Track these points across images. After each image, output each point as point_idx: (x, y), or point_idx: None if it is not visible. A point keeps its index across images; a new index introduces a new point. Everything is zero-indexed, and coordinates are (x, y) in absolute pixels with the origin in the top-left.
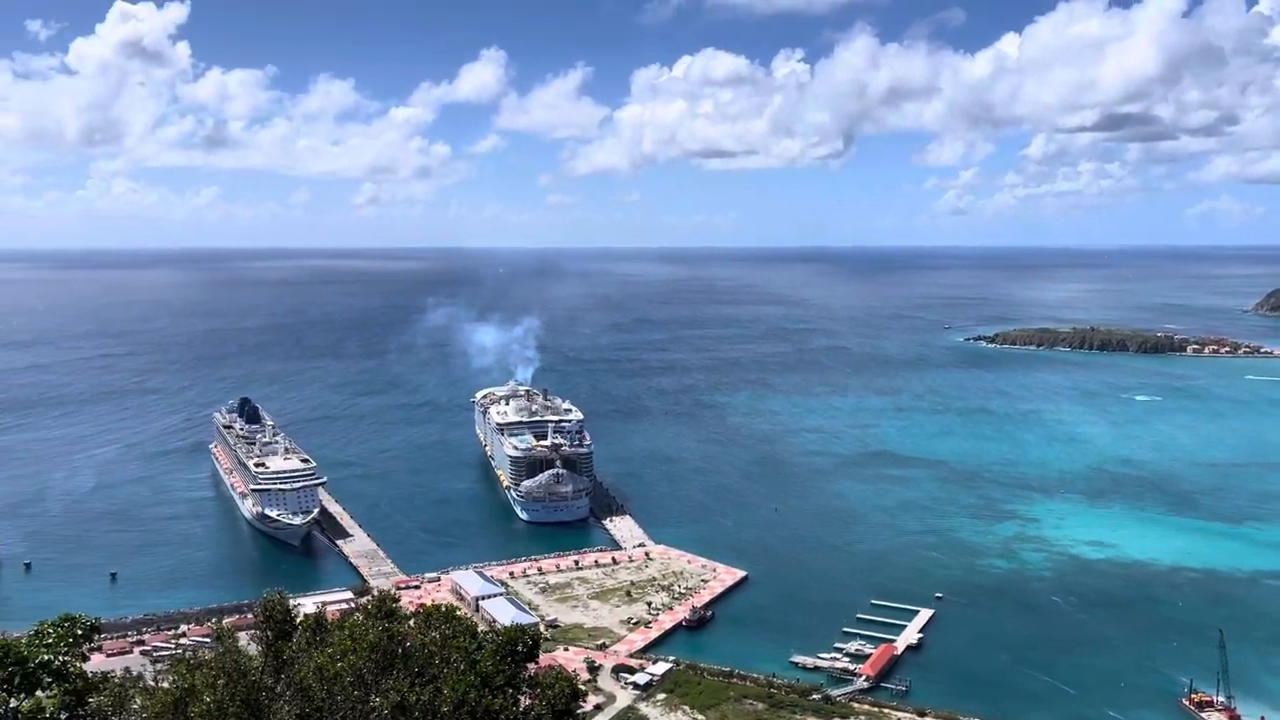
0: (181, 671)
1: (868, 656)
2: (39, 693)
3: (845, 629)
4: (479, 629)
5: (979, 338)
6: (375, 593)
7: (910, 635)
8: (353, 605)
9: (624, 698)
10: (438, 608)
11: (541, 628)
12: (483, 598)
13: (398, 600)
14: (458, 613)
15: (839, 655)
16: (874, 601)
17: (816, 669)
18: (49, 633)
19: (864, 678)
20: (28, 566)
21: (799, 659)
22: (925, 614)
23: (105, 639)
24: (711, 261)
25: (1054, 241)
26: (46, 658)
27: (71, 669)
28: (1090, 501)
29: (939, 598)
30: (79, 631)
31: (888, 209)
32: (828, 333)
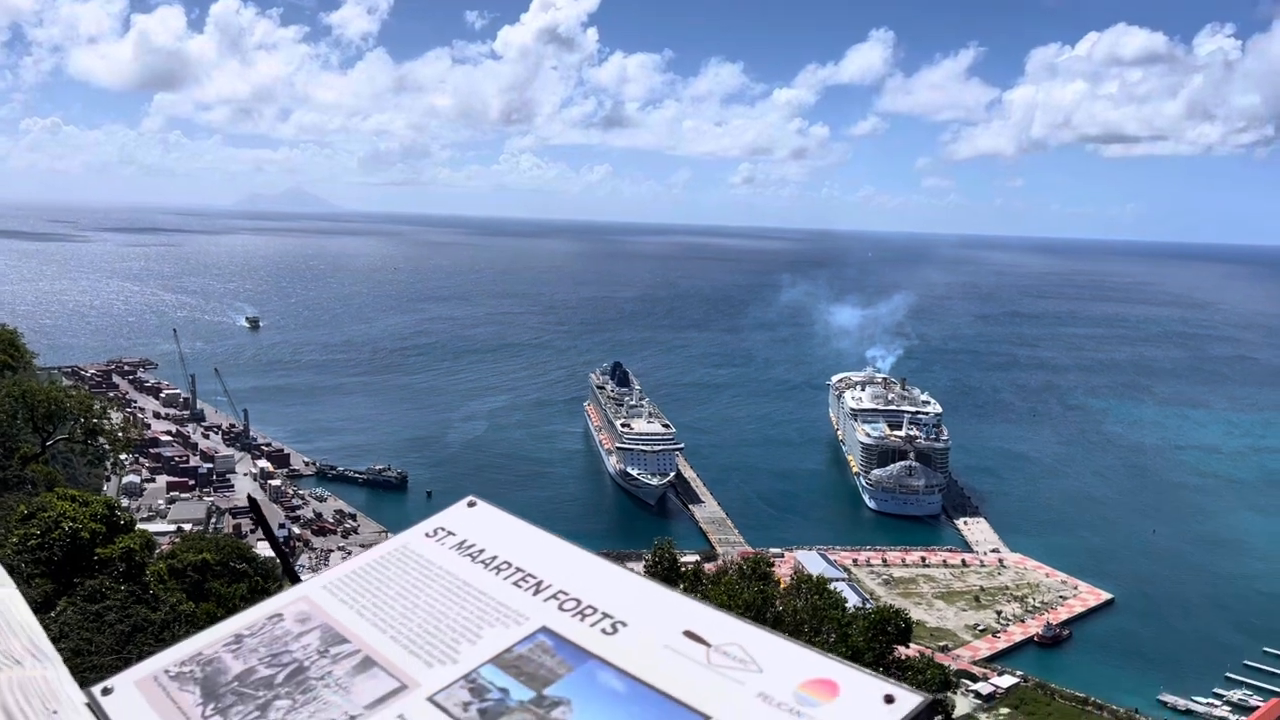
0: None
1: (1254, 709)
2: None
3: (1228, 674)
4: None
5: None
6: (751, 555)
7: None
8: (727, 563)
9: (963, 705)
10: (809, 577)
11: None
12: (825, 581)
13: (771, 564)
14: (828, 586)
15: (1217, 703)
16: (1267, 649)
17: (1189, 712)
18: None
19: None
20: (429, 494)
21: (1168, 698)
22: None
23: None
24: (1100, 255)
25: None
26: None
27: None
28: None
29: None
30: None
31: None
32: (1234, 341)
